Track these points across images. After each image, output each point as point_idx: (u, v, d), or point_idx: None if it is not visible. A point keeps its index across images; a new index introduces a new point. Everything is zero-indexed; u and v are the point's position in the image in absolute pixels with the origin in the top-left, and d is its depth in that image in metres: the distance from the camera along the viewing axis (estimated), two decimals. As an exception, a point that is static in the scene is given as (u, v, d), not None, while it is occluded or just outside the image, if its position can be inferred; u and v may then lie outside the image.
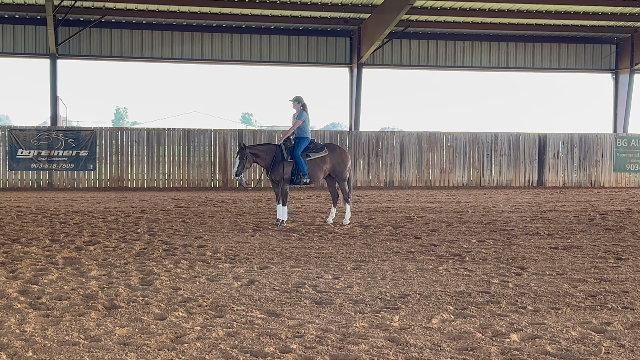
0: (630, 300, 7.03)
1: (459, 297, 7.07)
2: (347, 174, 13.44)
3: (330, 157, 13.25)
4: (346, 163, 13.44)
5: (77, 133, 22.01)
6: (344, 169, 13.38)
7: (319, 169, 13.15)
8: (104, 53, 22.85)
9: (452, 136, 24.07)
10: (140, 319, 6.08)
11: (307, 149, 13.13)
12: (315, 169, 13.11)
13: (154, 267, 8.45)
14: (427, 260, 9.15)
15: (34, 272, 8.08)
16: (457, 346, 5.45)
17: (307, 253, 9.65)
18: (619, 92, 25.96)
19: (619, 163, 24.94)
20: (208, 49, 23.38)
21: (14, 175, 21.46)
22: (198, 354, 5.19)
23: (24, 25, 22.21)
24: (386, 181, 23.47)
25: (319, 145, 13.35)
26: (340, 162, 13.34)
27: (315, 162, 13.11)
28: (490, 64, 25.28)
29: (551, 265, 8.86)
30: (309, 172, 12.99)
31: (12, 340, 5.42)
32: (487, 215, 14.57)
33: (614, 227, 12.81)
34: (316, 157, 13.13)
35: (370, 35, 22.57)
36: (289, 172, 12.91)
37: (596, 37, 25.48)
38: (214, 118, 64.24)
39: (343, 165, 13.36)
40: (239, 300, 6.84)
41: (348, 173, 13.50)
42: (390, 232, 11.89)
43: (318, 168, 13.13)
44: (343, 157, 13.45)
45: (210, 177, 22.49)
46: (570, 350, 5.38)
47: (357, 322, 6.09)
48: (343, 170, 13.36)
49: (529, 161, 24.38)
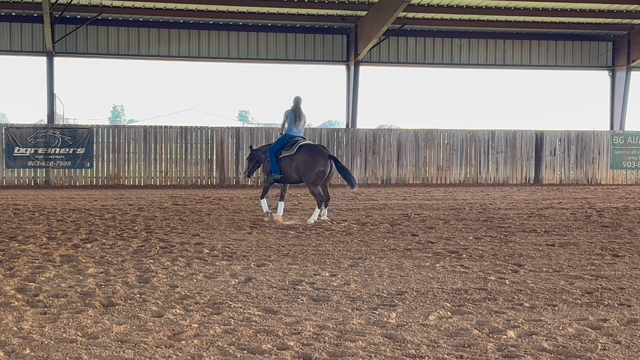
0: (626, 297, 7.05)
1: (456, 294, 7.09)
2: (312, 178, 12.64)
3: (297, 158, 12.75)
4: (311, 166, 12.60)
5: (74, 131, 21.98)
6: (307, 171, 12.61)
7: (289, 167, 12.92)
8: (101, 51, 22.83)
9: (449, 133, 24.08)
10: (137, 317, 6.09)
11: (283, 147, 13.06)
12: (287, 167, 12.95)
13: (151, 265, 8.45)
14: (424, 258, 9.16)
15: (31, 269, 8.08)
16: (454, 343, 5.46)
17: (304, 250, 9.65)
18: (616, 90, 26.00)
19: (615, 160, 24.97)
20: (205, 46, 23.38)
21: (11, 173, 21.44)
22: (195, 351, 5.20)
23: (21, 23, 22.17)
24: (383, 178, 23.48)
25: (292, 143, 12.91)
26: (303, 163, 12.64)
27: (285, 160, 12.96)
28: (487, 61, 25.32)
29: (548, 262, 8.88)
30: (283, 170, 12.95)
31: (10, 338, 5.42)
32: (484, 212, 14.59)
33: (610, 224, 12.83)
34: (286, 156, 12.97)
35: (367, 32, 22.58)
36: (267, 169, 13.26)
37: (593, 35, 25.51)
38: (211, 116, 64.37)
39: (306, 168, 12.60)
40: (236, 297, 6.85)
41: (315, 177, 12.63)
42: (388, 229, 11.90)
43: (288, 167, 12.93)
44: (307, 159, 12.62)
45: (208, 175, 22.48)
46: (567, 346, 5.40)
47: (354, 319, 6.10)
48: (306, 173, 12.63)
49: (525, 158, 24.41)
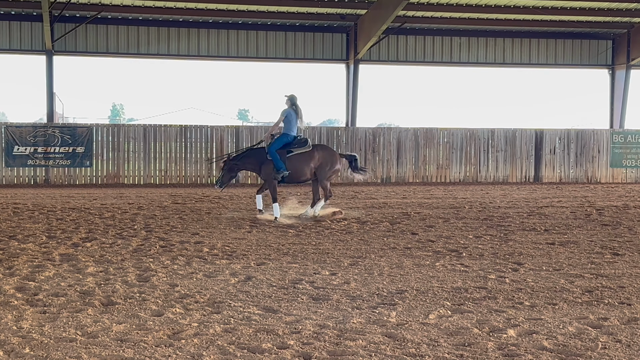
0: (626, 295, 7.04)
1: (456, 292, 7.08)
2: (329, 174, 13.14)
3: (316, 155, 13.01)
4: (331, 163, 13.12)
5: (73, 129, 21.98)
6: (326, 168, 13.04)
7: (304, 164, 12.94)
8: (100, 49, 22.80)
9: (449, 132, 24.08)
10: (137, 316, 6.08)
11: (290, 145, 13.01)
12: (300, 164, 12.92)
13: (151, 264, 8.44)
14: (424, 256, 9.16)
15: (31, 268, 8.07)
16: (454, 342, 5.45)
17: (304, 249, 9.64)
18: (616, 88, 26.00)
19: (615, 159, 24.98)
20: (204, 45, 23.37)
21: (10, 172, 21.43)
22: (195, 350, 5.19)
23: (20, 22, 22.14)
24: (383, 177, 23.47)
25: (303, 140, 13.08)
26: (324, 160, 13.03)
27: (298, 157, 12.94)
28: (486, 59, 25.30)
29: (548, 261, 8.88)
30: (293, 167, 12.86)
31: (9, 337, 5.41)
32: (484, 211, 14.58)
33: (610, 222, 12.82)
34: (299, 153, 12.96)
35: (366, 31, 22.57)
36: (270, 169, 12.88)
37: (592, 33, 25.50)
38: (211, 114, 64.35)
39: (326, 165, 13.05)
40: (236, 296, 6.84)
41: (332, 174, 13.21)
42: (387, 228, 11.89)
43: (302, 163, 12.93)
44: (328, 157, 13.14)
45: (207, 174, 22.48)
46: (567, 345, 5.39)
47: (354, 318, 6.09)
48: (325, 169, 13.03)
49: (525, 157, 24.42)
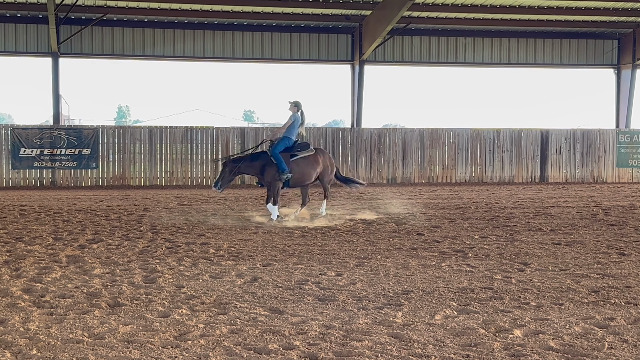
0: (633, 295, 7.03)
1: (462, 293, 7.08)
2: (332, 177, 13.82)
3: (321, 159, 13.43)
4: (333, 167, 13.86)
5: (79, 131, 22.03)
6: (331, 171, 13.70)
7: (310, 167, 13.13)
8: (106, 51, 22.86)
9: (455, 132, 24.05)
10: (143, 317, 6.09)
11: (293, 148, 13.09)
12: (305, 167, 13.07)
13: (157, 265, 8.46)
14: (429, 257, 9.15)
15: (38, 270, 8.10)
16: (461, 342, 5.45)
17: (310, 250, 9.65)
18: (622, 88, 25.93)
19: (621, 158, 24.91)
20: (210, 46, 23.40)
21: (17, 174, 21.50)
22: (202, 351, 5.20)
23: (26, 24, 22.22)
24: (388, 178, 23.46)
25: (304, 144, 13.33)
26: (328, 163, 13.63)
27: (302, 160, 13.05)
28: (492, 60, 25.26)
29: (554, 261, 8.86)
30: (299, 170, 12.96)
31: (17, 339, 5.43)
32: (490, 211, 14.57)
33: (616, 222, 12.80)
34: (303, 156, 13.09)
35: (371, 32, 22.56)
36: (274, 172, 12.83)
37: (598, 33, 25.44)
38: (216, 116, 64.51)
39: (331, 168, 13.72)
40: (242, 297, 6.85)
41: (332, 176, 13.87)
42: (393, 228, 11.89)
43: (308, 166, 13.11)
44: (331, 161, 13.85)
45: (213, 175, 22.49)
46: (574, 345, 5.38)
47: (360, 318, 6.09)
48: (329, 172, 13.65)
49: (531, 157, 24.37)
